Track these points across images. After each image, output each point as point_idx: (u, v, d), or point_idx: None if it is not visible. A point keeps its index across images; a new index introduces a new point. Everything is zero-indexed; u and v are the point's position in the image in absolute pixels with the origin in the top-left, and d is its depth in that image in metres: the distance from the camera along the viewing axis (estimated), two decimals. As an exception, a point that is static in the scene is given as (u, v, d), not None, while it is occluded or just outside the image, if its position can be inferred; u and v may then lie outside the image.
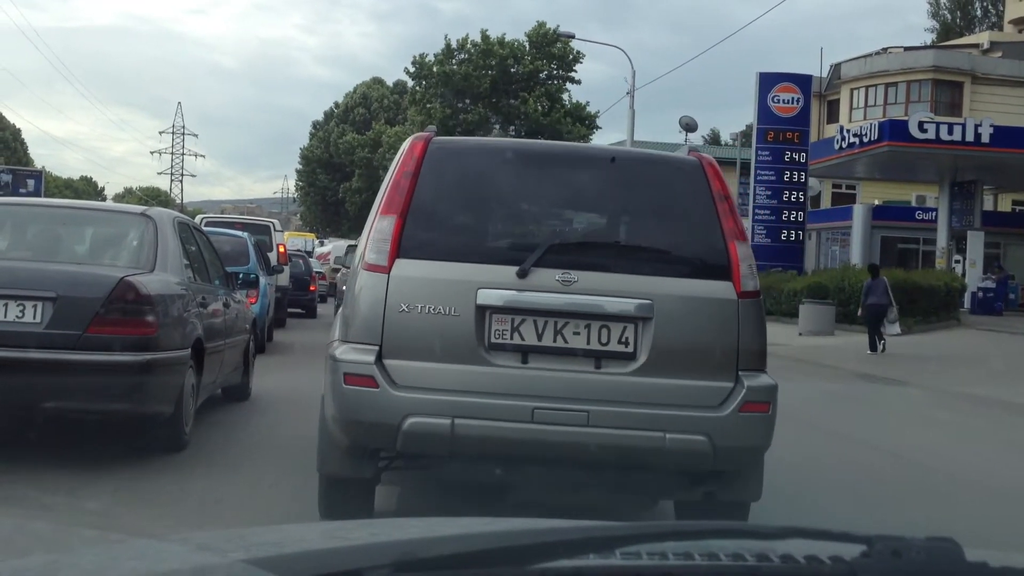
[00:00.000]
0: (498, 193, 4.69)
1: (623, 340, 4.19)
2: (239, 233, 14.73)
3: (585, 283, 4.20)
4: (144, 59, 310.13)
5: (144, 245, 6.50)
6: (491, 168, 4.67)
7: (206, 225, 15.27)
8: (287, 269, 18.22)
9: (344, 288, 5.73)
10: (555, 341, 4.18)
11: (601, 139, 48.34)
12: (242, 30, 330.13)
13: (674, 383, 4.19)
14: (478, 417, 4.08)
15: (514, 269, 4.21)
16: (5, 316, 5.57)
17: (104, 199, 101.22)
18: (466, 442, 4.10)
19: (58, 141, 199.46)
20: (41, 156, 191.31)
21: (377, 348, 4.16)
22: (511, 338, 4.18)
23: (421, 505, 5.33)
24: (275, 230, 18.56)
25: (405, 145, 4.59)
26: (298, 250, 26.25)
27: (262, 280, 13.28)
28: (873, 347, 17.59)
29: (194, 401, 6.64)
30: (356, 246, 13.78)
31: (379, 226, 4.28)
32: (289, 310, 20.51)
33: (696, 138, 49.35)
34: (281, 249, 18.12)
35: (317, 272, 25.68)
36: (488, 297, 4.18)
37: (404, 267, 4.22)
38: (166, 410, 6.05)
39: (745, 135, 35.83)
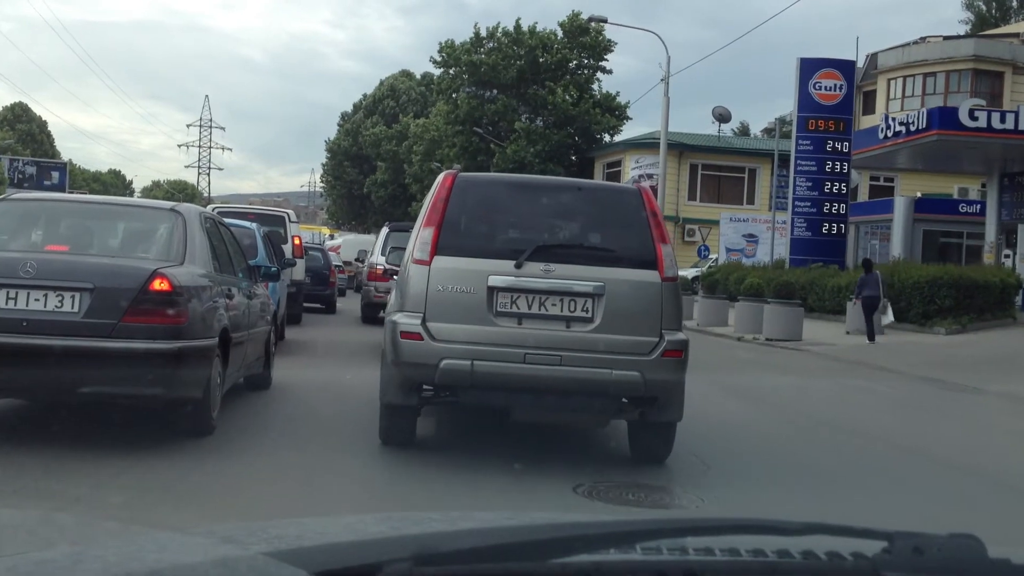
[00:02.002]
0: (503, 211, 6.57)
1: (585, 309, 6.09)
2: (248, 224, 13.64)
3: (560, 272, 6.10)
4: (173, 53, 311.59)
5: (174, 239, 6.87)
6: (499, 194, 6.74)
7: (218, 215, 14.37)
8: (302, 263, 17.05)
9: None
10: (540, 310, 6.07)
11: (631, 131, 47.24)
12: (271, 24, 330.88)
13: (619, 338, 6.03)
14: (489, 360, 5.94)
15: (512, 263, 6.09)
16: (45, 306, 5.95)
17: (132, 192, 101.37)
18: (481, 377, 5.96)
19: (86, 135, 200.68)
20: (70, 149, 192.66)
21: (422, 314, 6.04)
22: (510, 308, 6.07)
23: (453, 426, 7.60)
24: (290, 221, 17.33)
25: (439, 178, 6.56)
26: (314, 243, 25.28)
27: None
28: (872, 338, 18.41)
29: (221, 388, 6.96)
30: (393, 247, 15.48)
31: (422, 234, 6.22)
32: (307, 305, 19.67)
33: (727, 130, 48.02)
34: (296, 241, 16.91)
35: (337, 266, 24.68)
36: (495, 281, 6.06)
37: (440, 261, 6.11)
38: (195, 395, 6.41)
39: (784, 124, 34.44)
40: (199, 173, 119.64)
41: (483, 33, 44.38)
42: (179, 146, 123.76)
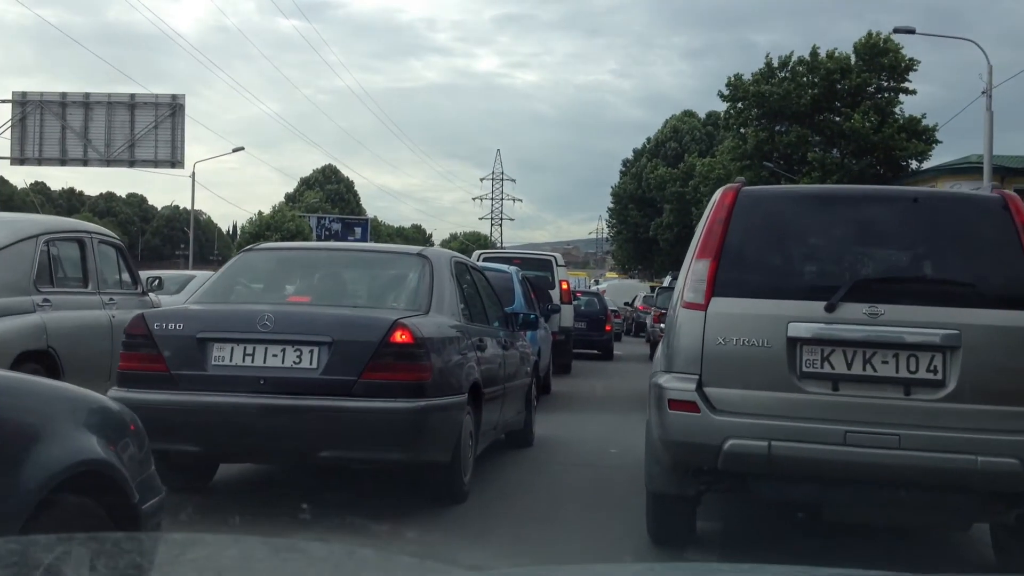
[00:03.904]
0: (804, 234, 5.02)
1: (931, 368, 4.44)
2: (505, 268, 12.71)
3: (892, 315, 4.50)
4: (470, 112, 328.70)
5: (420, 287, 6.43)
6: (797, 212, 5.06)
7: (483, 261, 13.79)
8: (569, 308, 15.97)
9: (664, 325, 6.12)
10: (864, 370, 4.49)
11: (941, 156, 42.58)
12: (560, 79, 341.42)
13: (985, 408, 4.37)
14: (793, 440, 4.43)
15: (822, 304, 4.55)
16: (283, 362, 5.56)
17: (432, 244, 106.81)
18: (782, 463, 4.45)
19: (393, 194, 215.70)
20: (379, 208, 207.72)
21: (697, 377, 4.61)
22: (821, 367, 4.51)
23: (739, 526, 5.91)
24: (557, 265, 16.46)
25: (716, 195, 5.02)
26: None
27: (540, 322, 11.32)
28: None
29: (473, 449, 6.41)
30: (662, 287, 22.96)
31: (695, 268, 4.76)
32: (583, 351, 18.93)
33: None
34: (564, 286, 15.93)
35: (613, 311, 23.66)
36: (798, 330, 4.53)
37: (719, 304, 4.65)
38: (443, 458, 5.86)
39: None
40: (492, 224, 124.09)
41: (775, 63, 41.86)
42: (473, 199, 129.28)
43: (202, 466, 6.33)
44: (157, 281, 11.89)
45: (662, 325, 17.60)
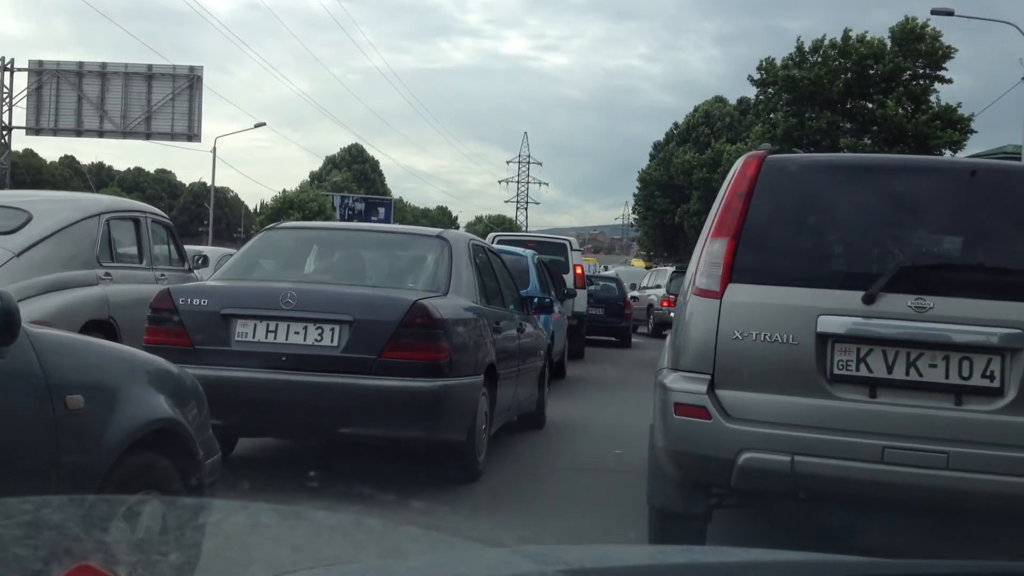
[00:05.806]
0: (840, 212, 4.35)
1: (988, 374, 3.83)
2: (521, 251, 12.74)
3: (942, 309, 3.88)
4: (498, 95, 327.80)
5: (439, 268, 6.50)
6: (832, 185, 4.38)
7: (498, 243, 13.68)
8: (583, 293, 15.86)
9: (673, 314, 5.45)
10: (907, 374, 3.89)
11: (976, 146, 41.82)
12: (589, 63, 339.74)
13: None
14: (821, 455, 3.83)
15: (859, 294, 3.95)
16: (305, 339, 5.67)
17: (457, 226, 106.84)
18: (807, 480, 3.88)
19: (420, 176, 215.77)
20: (406, 189, 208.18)
21: (709, 377, 4.01)
22: (856, 369, 3.93)
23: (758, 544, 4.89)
24: (572, 249, 16.40)
25: (738, 164, 4.38)
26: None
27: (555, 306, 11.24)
28: None
29: (487, 429, 6.48)
30: (675, 271, 17.75)
31: (710, 249, 4.14)
32: (599, 338, 18.98)
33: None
34: (578, 270, 15.84)
35: (632, 297, 23.38)
36: (830, 324, 3.93)
37: (737, 292, 4.05)
38: (459, 437, 5.92)
39: None
40: (517, 207, 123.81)
41: (806, 47, 41.27)
42: (499, 182, 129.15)
43: (223, 439, 6.33)
44: (202, 259, 12.71)
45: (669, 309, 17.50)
